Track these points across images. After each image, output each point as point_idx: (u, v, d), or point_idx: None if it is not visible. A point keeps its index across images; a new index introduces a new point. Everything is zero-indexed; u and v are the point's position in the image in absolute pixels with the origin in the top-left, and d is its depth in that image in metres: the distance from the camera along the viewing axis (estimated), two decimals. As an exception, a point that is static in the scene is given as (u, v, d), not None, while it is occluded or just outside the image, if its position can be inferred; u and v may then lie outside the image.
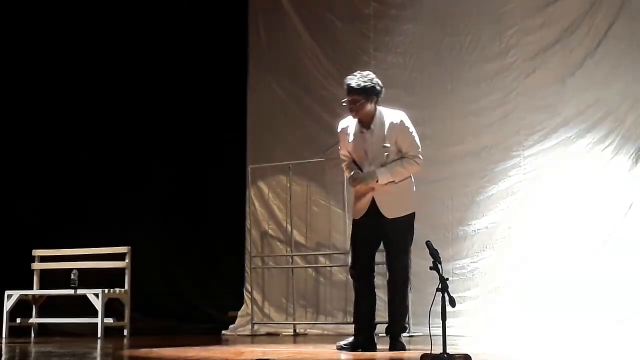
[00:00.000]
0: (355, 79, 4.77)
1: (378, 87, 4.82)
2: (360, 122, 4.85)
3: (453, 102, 7.14)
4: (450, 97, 7.16)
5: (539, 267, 6.58)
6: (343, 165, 5.09)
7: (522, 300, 6.55)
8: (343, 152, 4.98)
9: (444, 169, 6.99)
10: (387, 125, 4.79)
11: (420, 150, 4.85)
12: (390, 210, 4.76)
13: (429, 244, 3.78)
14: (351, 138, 4.86)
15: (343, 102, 4.76)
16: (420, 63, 7.30)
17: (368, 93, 4.75)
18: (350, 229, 5.05)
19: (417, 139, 4.87)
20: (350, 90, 4.77)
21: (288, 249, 7.69)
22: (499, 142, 6.82)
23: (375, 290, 4.99)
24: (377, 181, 4.68)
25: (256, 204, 7.92)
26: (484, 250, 6.73)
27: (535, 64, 6.79)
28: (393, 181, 4.70)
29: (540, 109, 6.75)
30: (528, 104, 6.80)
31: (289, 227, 7.69)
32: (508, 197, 6.74)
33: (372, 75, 4.86)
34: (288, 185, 7.65)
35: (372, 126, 4.78)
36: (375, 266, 5.00)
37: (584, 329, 6.11)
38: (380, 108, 4.87)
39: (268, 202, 7.85)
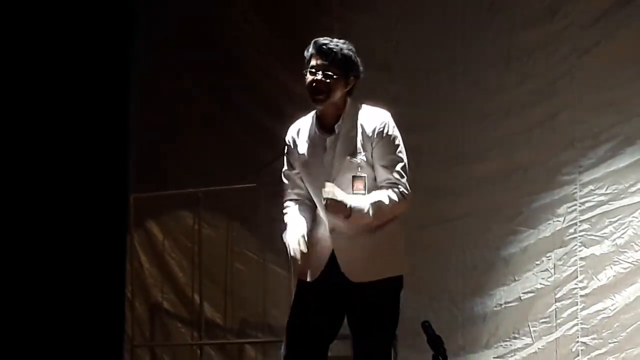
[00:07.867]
0: (333, 42, 4.43)
1: (360, 66, 4.46)
2: (320, 120, 4.47)
3: (466, 95, 6.47)
4: (462, 86, 6.49)
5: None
6: (283, 197, 4.54)
7: None
8: (287, 172, 4.55)
9: (452, 205, 6.43)
10: (362, 129, 4.42)
11: (406, 178, 4.41)
12: (361, 269, 4.33)
13: (426, 327, 3.43)
14: (303, 147, 4.47)
15: (306, 72, 4.39)
16: (413, 28, 6.65)
17: (348, 68, 4.39)
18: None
19: (404, 157, 4.46)
20: (324, 54, 4.38)
21: (195, 333, 7.07)
22: (540, 159, 6.27)
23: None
24: (349, 215, 4.25)
25: (142, 258, 7.23)
26: (516, 338, 6.25)
27: (599, 32, 6.19)
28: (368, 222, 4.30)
29: (608, 106, 6.15)
30: (587, 99, 6.20)
31: (196, 297, 7.06)
32: (555, 249, 6.19)
33: (353, 46, 4.46)
34: (196, 226, 7.11)
35: (336, 128, 4.40)
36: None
37: None
38: (353, 102, 4.49)
39: (162, 256, 7.22)
